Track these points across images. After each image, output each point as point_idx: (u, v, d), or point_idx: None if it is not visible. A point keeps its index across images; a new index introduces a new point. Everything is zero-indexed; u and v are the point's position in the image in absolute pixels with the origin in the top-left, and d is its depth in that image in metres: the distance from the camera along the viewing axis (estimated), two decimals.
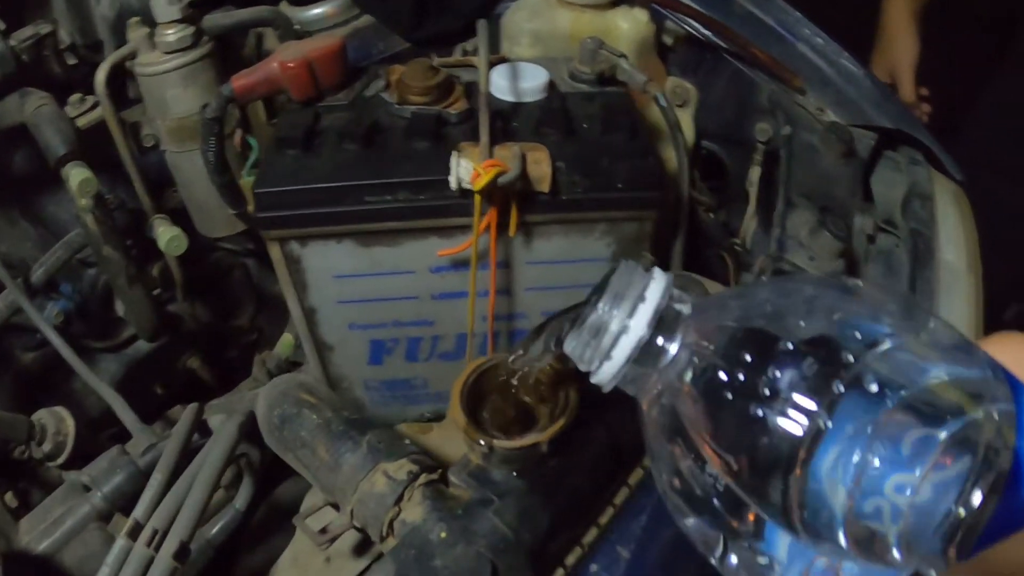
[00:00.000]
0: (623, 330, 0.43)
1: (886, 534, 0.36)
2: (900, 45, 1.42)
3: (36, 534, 0.73)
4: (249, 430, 0.73)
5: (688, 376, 0.42)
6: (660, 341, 0.43)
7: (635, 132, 0.79)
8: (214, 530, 0.77)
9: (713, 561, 0.44)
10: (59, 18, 0.92)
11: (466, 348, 0.87)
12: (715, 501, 0.42)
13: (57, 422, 0.89)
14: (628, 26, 0.91)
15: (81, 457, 0.83)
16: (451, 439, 0.68)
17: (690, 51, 0.99)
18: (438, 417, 0.93)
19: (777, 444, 0.38)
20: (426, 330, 0.86)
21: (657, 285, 0.44)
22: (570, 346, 0.46)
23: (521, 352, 0.55)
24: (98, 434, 0.99)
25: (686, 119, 0.98)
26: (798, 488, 0.37)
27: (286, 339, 1.01)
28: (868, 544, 0.37)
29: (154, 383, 1.13)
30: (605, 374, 0.44)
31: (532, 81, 0.83)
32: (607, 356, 0.43)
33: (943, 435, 0.35)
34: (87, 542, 0.73)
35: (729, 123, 0.98)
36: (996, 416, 0.36)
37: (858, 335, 0.39)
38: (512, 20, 0.95)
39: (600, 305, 0.44)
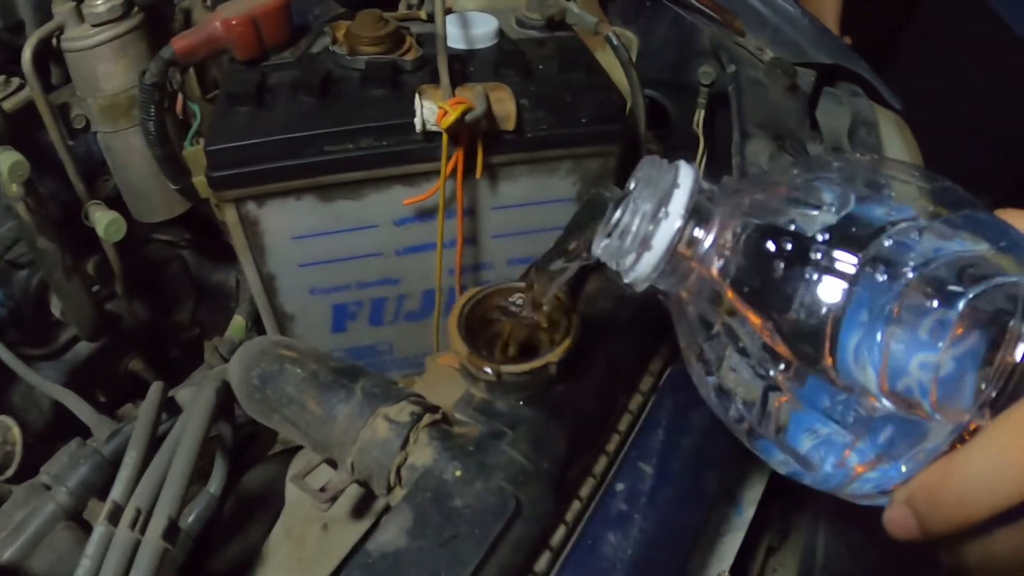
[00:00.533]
0: (663, 218, 0.39)
1: (921, 403, 0.35)
2: None
3: None
4: (219, 408, 0.66)
5: (720, 264, 0.40)
6: (697, 229, 0.40)
7: (592, 69, 0.76)
8: (190, 519, 0.69)
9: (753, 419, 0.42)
10: None
11: (432, 308, 0.82)
12: (758, 374, 0.40)
13: (2, 432, 0.81)
14: None
15: (31, 471, 0.75)
16: (436, 391, 0.62)
17: (630, 0, 0.96)
18: None
19: (812, 321, 0.36)
20: (391, 289, 0.80)
21: (687, 172, 0.41)
22: (600, 248, 0.42)
23: (540, 269, 0.51)
24: (47, 446, 0.90)
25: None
26: (831, 370, 0.37)
27: (237, 322, 0.94)
28: (909, 410, 0.36)
29: (96, 390, 1.03)
30: (645, 266, 0.40)
31: (482, 28, 0.79)
32: (647, 247, 0.40)
33: (956, 312, 0.34)
34: (56, 545, 0.64)
35: (671, 69, 0.96)
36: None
37: (872, 215, 0.38)
38: None
39: (633, 196, 0.41)
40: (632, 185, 0.41)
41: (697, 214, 0.40)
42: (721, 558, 0.64)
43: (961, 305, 0.34)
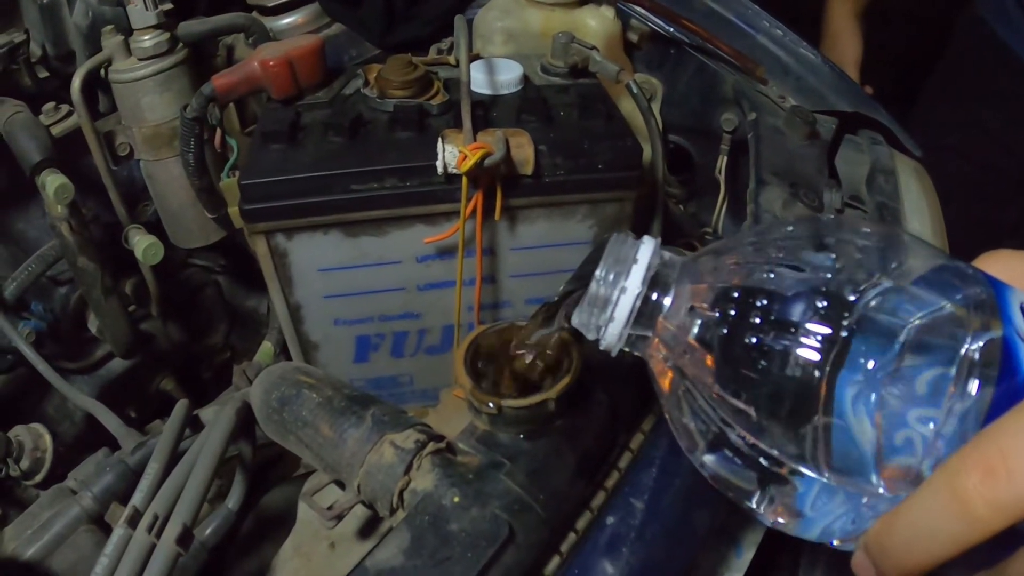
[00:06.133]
0: (621, 291, 0.45)
1: (920, 467, 0.37)
2: (844, 43, 1.50)
3: (22, 540, 0.70)
4: (240, 427, 0.72)
5: (695, 332, 0.43)
6: (655, 296, 0.45)
7: (611, 116, 0.81)
8: (207, 532, 0.75)
9: (752, 506, 0.45)
10: (31, 28, 0.91)
11: (452, 342, 0.88)
12: (741, 456, 0.43)
13: (35, 438, 0.87)
14: (596, 23, 0.94)
15: (60, 478, 0.81)
16: (447, 422, 0.67)
17: (655, 47, 1.02)
18: None
19: (797, 385, 0.39)
20: (412, 323, 0.86)
21: (647, 247, 0.46)
22: (577, 319, 0.48)
23: (531, 331, 0.57)
24: (75, 456, 0.97)
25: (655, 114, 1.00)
26: (824, 429, 0.39)
27: (265, 347, 1.00)
28: (903, 480, 0.38)
29: (128, 406, 1.10)
30: (611, 336, 0.46)
31: (508, 74, 0.84)
32: (610, 319, 0.45)
33: (953, 370, 0.36)
34: (78, 545, 0.71)
35: (695, 115, 1.02)
36: (990, 330, 0.37)
37: (855, 276, 0.40)
38: (484, 19, 0.97)
39: (597, 274, 0.46)
40: (601, 262, 0.46)
41: (657, 284, 0.45)
42: None
43: (953, 372, 0.36)
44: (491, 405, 0.58)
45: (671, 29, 0.99)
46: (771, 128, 0.91)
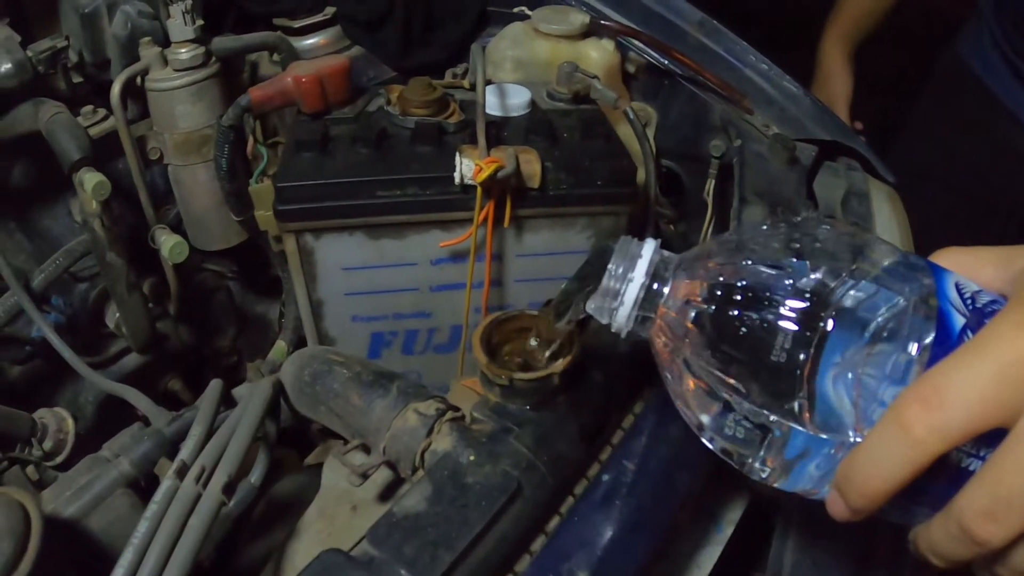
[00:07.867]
0: (628, 281, 0.59)
1: None
2: (836, 82, 1.69)
3: (61, 501, 0.80)
4: (273, 398, 0.83)
5: (692, 316, 0.56)
6: (656, 285, 0.59)
7: (609, 139, 0.97)
8: (231, 504, 0.87)
9: (746, 462, 0.57)
10: (71, 35, 1.04)
11: (459, 341, 1.02)
12: (735, 418, 0.55)
13: (58, 421, 0.98)
14: (597, 55, 1.10)
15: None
16: (459, 404, 0.81)
17: (650, 78, 1.19)
18: None
19: (784, 369, 0.51)
20: (423, 322, 1.00)
21: (649, 246, 0.60)
22: (591, 306, 0.62)
23: (547, 322, 0.72)
24: (87, 451, 1.09)
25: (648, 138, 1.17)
26: (808, 399, 0.51)
27: (279, 346, 1.14)
28: None
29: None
30: (620, 318, 0.60)
31: (517, 98, 1.00)
32: (620, 303, 0.59)
33: (915, 354, 0.49)
34: (114, 507, 0.81)
35: (686, 141, 1.18)
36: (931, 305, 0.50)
37: (829, 276, 0.52)
38: (496, 48, 1.13)
39: (610, 268, 0.60)
40: (612, 260, 0.60)
41: (658, 276, 0.59)
42: (700, 566, 0.82)
43: (916, 356, 0.48)
44: (504, 378, 0.72)
45: (665, 61, 1.16)
46: (755, 154, 1.07)
